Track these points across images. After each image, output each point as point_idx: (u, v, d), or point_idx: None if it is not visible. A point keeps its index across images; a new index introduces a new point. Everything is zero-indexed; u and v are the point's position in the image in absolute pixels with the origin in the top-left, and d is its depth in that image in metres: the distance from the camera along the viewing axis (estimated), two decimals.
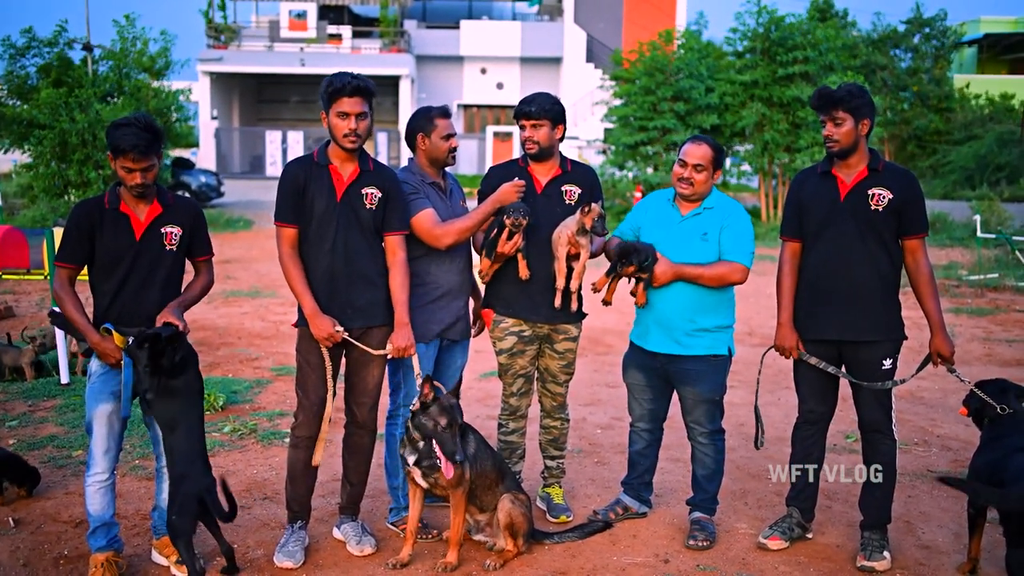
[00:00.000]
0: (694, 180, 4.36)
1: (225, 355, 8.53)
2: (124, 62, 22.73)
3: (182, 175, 24.43)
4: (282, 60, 34.86)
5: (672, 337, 4.39)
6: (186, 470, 3.88)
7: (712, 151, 4.40)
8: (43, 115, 20.01)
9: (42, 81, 22.14)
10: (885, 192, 4.10)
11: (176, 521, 3.84)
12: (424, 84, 37.95)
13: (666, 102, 21.34)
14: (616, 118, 22.62)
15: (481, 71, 39.18)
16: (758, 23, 21.46)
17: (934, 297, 4.15)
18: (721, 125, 21.71)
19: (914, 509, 4.99)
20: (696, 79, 21.33)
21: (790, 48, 20.87)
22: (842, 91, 4.16)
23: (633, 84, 21.96)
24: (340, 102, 4.03)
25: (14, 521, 4.61)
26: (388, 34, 36.39)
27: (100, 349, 3.82)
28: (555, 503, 4.84)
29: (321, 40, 36.28)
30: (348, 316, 4.13)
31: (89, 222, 3.85)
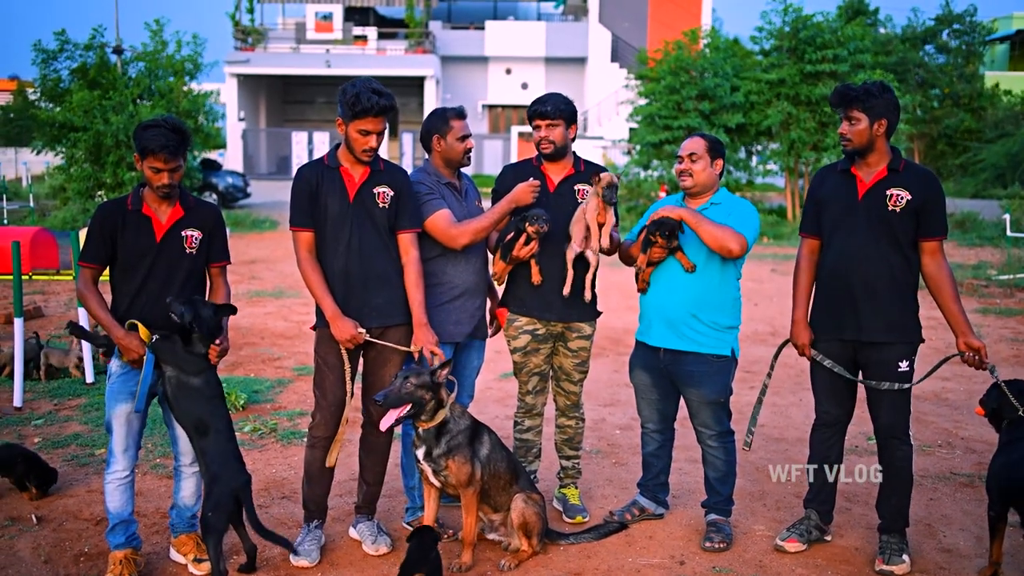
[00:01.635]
0: (692, 171, 4.39)
1: (248, 355, 8.59)
2: (156, 64, 22.99)
3: (210, 176, 24.65)
4: (308, 62, 35.07)
5: (675, 331, 4.38)
6: (221, 469, 3.92)
7: (705, 140, 4.43)
8: (77, 117, 20.25)
9: (75, 84, 22.43)
10: (903, 193, 4.05)
11: (211, 518, 3.87)
12: (449, 84, 38.05)
13: (691, 101, 21.25)
14: (641, 117, 22.55)
15: (506, 71, 39.23)
16: (784, 21, 21.33)
17: (955, 299, 4.09)
18: (747, 124, 21.59)
19: (936, 512, 4.93)
20: (722, 77, 21.22)
21: (819, 47, 20.72)
22: (859, 89, 4.13)
23: (658, 83, 21.89)
24: (365, 121, 4.04)
25: (36, 518, 4.67)
26: (414, 35, 36.51)
27: (124, 344, 3.84)
28: (571, 504, 4.83)
29: (347, 41, 36.49)
30: (365, 316, 4.15)
31: (112, 223, 3.89)
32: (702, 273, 4.37)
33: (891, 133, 4.16)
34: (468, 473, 4.11)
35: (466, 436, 4.14)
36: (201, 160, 24.32)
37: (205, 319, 3.89)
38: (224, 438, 3.95)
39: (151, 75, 23.09)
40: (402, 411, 3.96)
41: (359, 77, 4.16)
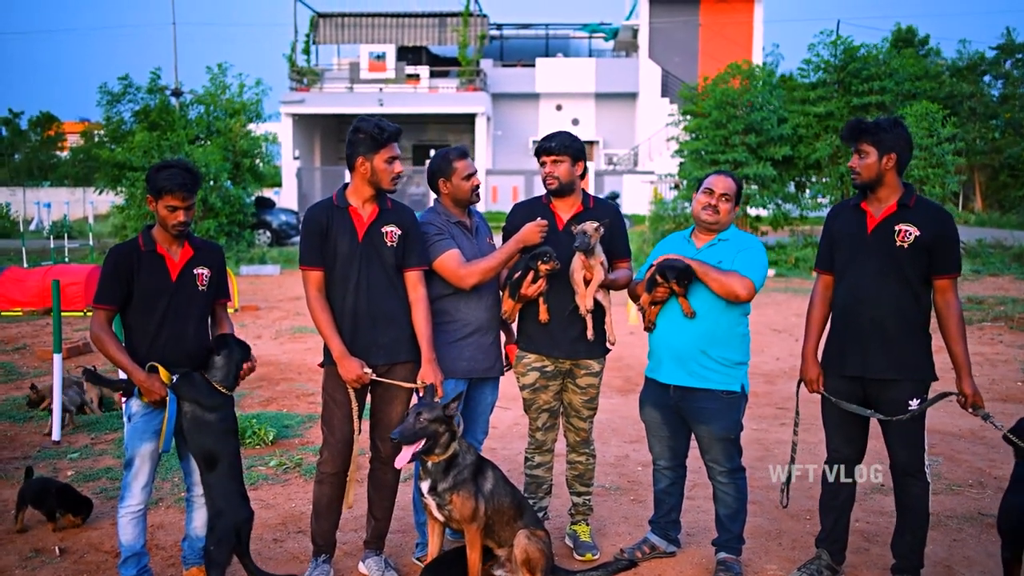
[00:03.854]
0: (720, 209, 4.41)
1: (283, 390, 8.73)
2: (216, 105, 23.65)
3: (263, 214, 25.14)
4: (361, 101, 35.68)
5: (685, 368, 4.38)
6: (225, 504, 4.02)
7: (735, 184, 4.47)
8: (136, 158, 20.89)
9: (137, 125, 23.19)
10: (912, 229, 4.02)
11: (213, 551, 3.98)
12: (500, 121, 38.43)
13: (737, 135, 21.16)
14: (687, 152, 22.51)
15: (556, 107, 39.51)
16: (832, 54, 21.20)
17: (961, 339, 4.04)
18: (794, 156, 21.42)
19: (958, 553, 4.82)
20: (767, 112, 21.12)
21: (865, 79, 20.54)
22: (869, 123, 4.13)
23: (704, 119, 21.85)
24: (391, 147, 4.18)
25: (60, 550, 4.81)
26: (465, 73, 37.00)
27: (146, 387, 3.96)
28: (581, 540, 4.83)
29: (400, 80, 37.08)
30: (372, 353, 4.23)
31: (127, 264, 4.02)
32: (710, 310, 4.37)
33: (902, 168, 4.14)
34: (472, 508, 4.14)
35: (471, 471, 4.17)
36: (255, 198, 24.86)
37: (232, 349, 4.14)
38: (231, 474, 4.04)
39: (209, 117, 23.77)
40: (417, 446, 4.01)
41: (361, 116, 4.27)
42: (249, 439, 6.78)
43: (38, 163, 52.20)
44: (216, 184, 21.23)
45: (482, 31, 37.24)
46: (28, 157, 52.51)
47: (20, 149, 53.49)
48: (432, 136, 38.95)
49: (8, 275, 14.18)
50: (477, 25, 36.99)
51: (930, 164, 19.49)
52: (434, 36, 37.77)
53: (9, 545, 4.90)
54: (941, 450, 6.74)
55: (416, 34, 37.66)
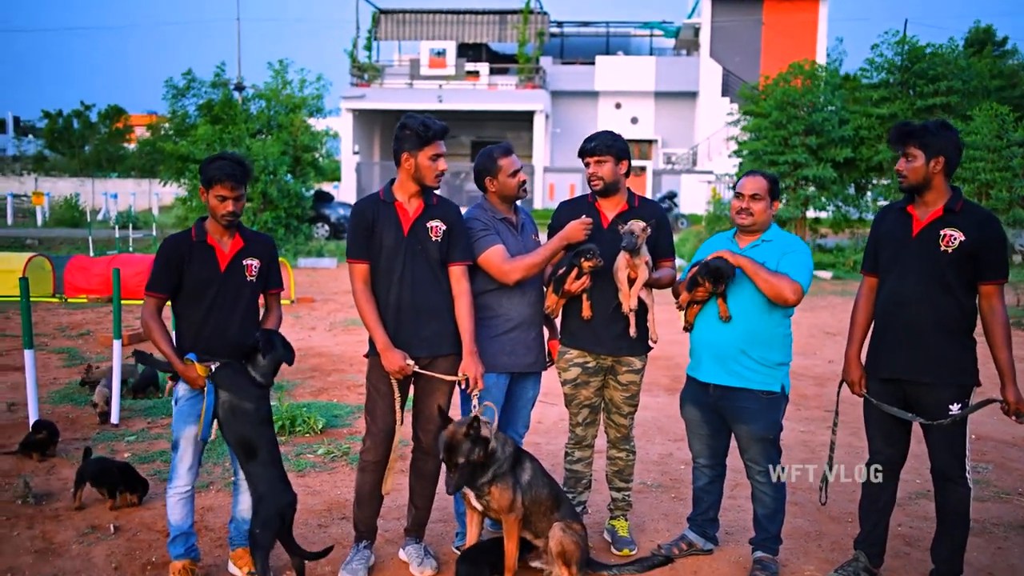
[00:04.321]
0: (753, 210, 4.42)
1: (335, 380, 8.90)
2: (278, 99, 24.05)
3: (322, 208, 25.50)
4: (421, 97, 36.00)
5: (724, 367, 4.40)
6: (267, 490, 4.14)
7: (767, 181, 4.45)
8: (199, 151, 21.34)
9: (201, 119, 23.68)
10: (957, 234, 3.99)
11: (258, 535, 4.10)
12: (558, 119, 38.44)
13: (797, 136, 20.92)
14: (746, 153, 22.32)
15: (616, 106, 39.42)
16: (897, 53, 20.86)
17: (1006, 346, 4.00)
18: (856, 159, 21.12)
19: (1001, 561, 4.76)
20: (828, 112, 20.84)
21: (931, 79, 20.17)
22: (917, 126, 4.10)
23: (764, 119, 21.64)
24: (436, 145, 4.26)
25: (115, 527, 4.99)
26: (525, 70, 37.09)
27: (186, 376, 4.11)
28: (619, 536, 4.87)
29: (459, 77, 37.32)
30: (415, 345, 4.31)
31: (178, 254, 4.16)
32: (752, 310, 4.38)
33: (951, 172, 4.09)
34: (510, 499, 4.20)
35: (509, 463, 4.24)
36: (315, 192, 25.21)
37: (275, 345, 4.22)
38: (269, 460, 4.16)
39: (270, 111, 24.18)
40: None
41: (408, 113, 4.37)
42: (299, 427, 6.93)
43: (107, 155, 53.51)
44: (275, 177, 21.59)
45: (542, 28, 37.31)
46: (97, 149, 53.84)
47: (90, 141, 54.86)
48: (491, 133, 39.10)
49: (74, 263, 14.61)
50: (537, 22, 37.06)
51: (997, 167, 19.06)
52: (494, 33, 37.94)
53: (67, 521, 5.09)
54: (992, 457, 6.64)
55: (476, 31, 37.86)
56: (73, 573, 4.44)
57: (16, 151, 58.64)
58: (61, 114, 54.85)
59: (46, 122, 55.20)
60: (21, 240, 24.62)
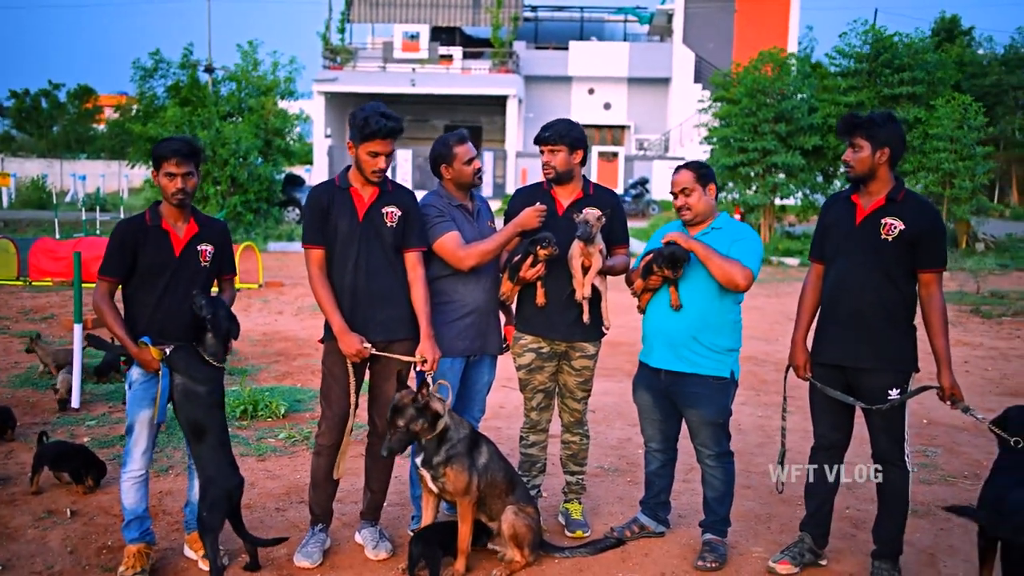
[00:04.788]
0: (689, 204, 4.49)
1: (299, 365, 8.93)
2: (248, 81, 23.89)
3: (292, 191, 25.38)
4: (394, 80, 35.82)
5: (675, 353, 4.47)
6: (215, 472, 4.17)
7: (692, 171, 4.52)
8: (168, 132, 21.20)
9: (170, 101, 23.51)
10: (897, 222, 4.09)
11: (206, 517, 4.13)
12: (532, 104, 38.40)
13: (767, 123, 21.07)
14: (716, 139, 22.45)
15: (589, 91, 39.43)
16: (864, 42, 21.04)
17: (943, 333, 4.10)
18: (824, 147, 21.31)
19: (943, 542, 4.89)
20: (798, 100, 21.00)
21: (897, 69, 20.37)
22: (863, 118, 4.19)
23: (734, 105, 21.77)
24: (374, 143, 4.28)
25: (71, 512, 5.00)
26: (498, 55, 37.01)
27: (140, 359, 4.12)
28: (573, 519, 4.94)
29: (433, 61, 37.19)
30: (371, 330, 4.35)
31: (132, 238, 4.16)
32: (702, 296, 4.46)
33: (895, 162, 4.19)
34: (465, 482, 4.27)
35: (465, 445, 4.30)
36: (285, 175, 25.11)
37: (220, 320, 4.17)
38: (218, 443, 4.19)
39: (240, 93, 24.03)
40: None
41: (369, 103, 4.40)
42: (261, 412, 6.96)
43: (75, 135, 52.86)
44: (246, 161, 21.50)
45: (516, 13, 37.22)
46: (66, 129, 53.17)
47: (58, 121, 54.15)
48: (464, 117, 39.02)
49: (39, 246, 14.45)
50: (511, 6, 36.96)
51: (960, 157, 19.30)
52: (468, 17, 37.81)
53: (24, 506, 5.10)
54: (942, 442, 6.78)
55: (450, 15, 37.71)
56: (28, 557, 4.45)
57: None
58: (28, 93, 54.03)
59: (13, 101, 54.35)
60: None
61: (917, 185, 20.35)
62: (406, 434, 4.12)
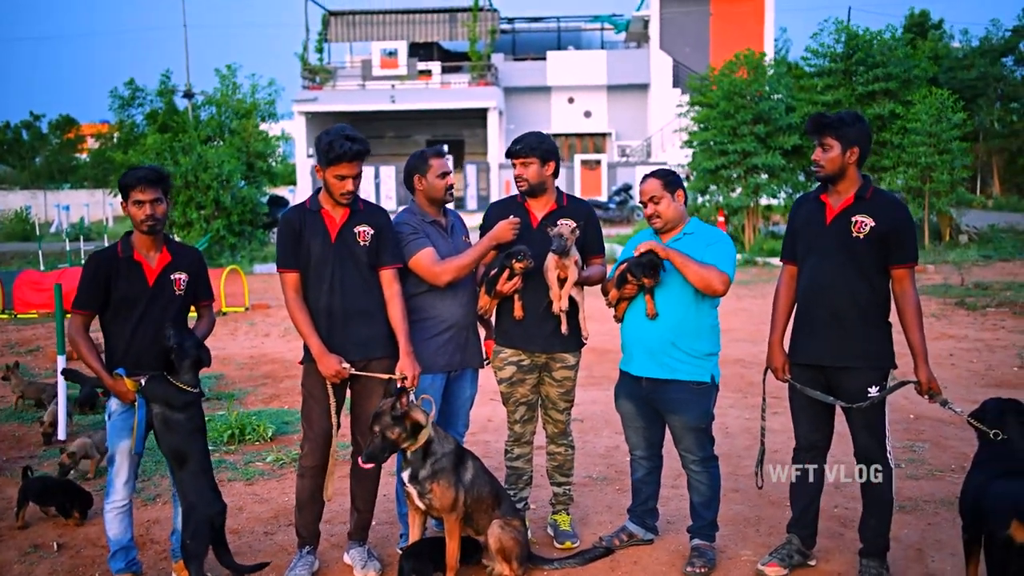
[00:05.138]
0: (659, 211, 4.51)
1: (287, 387, 8.91)
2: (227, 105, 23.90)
3: (277, 212, 25.32)
4: (374, 98, 35.90)
5: (655, 360, 4.49)
6: (197, 499, 4.17)
7: (659, 179, 4.54)
8: (148, 159, 21.19)
9: (149, 128, 23.49)
10: (868, 219, 4.12)
11: (190, 544, 4.13)
12: (512, 115, 38.51)
13: (746, 125, 21.17)
14: (696, 143, 22.55)
15: (569, 100, 39.57)
16: (837, 41, 21.20)
17: (918, 328, 4.13)
18: (804, 146, 21.42)
19: (930, 537, 4.91)
20: (775, 101, 21.13)
21: (871, 66, 20.52)
22: (833, 118, 4.22)
23: (712, 109, 21.88)
24: (340, 167, 4.28)
25: (58, 545, 4.98)
26: (477, 68, 37.12)
27: (115, 390, 4.13)
28: (561, 530, 4.95)
29: (412, 76, 37.29)
30: (349, 350, 4.36)
31: (105, 270, 4.17)
32: (679, 302, 4.48)
33: (862, 161, 4.23)
34: (452, 498, 4.26)
35: (451, 461, 4.29)
36: (269, 197, 25.09)
37: (187, 349, 4.15)
38: (200, 469, 4.19)
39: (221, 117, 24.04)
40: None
41: (334, 125, 4.42)
42: (249, 436, 6.95)
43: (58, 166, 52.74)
44: (229, 184, 21.49)
45: (492, 26, 37.39)
46: (48, 160, 53.06)
47: (40, 152, 54.04)
48: (445, 131, 39.09)
49: (24, 278, 14.46)
50: (487, 20, 37.15)
51: (938, 151, 19.42)
52: (445, 32, 37.98)
53: (10, 541, 5.08)
54: (929, 436, 6.81)
55: (427, 30, 37.87)
56: None
57: None
58: (9, 125, 53.94)
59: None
60: None
61: (897, 180, 20.48)
62: (383, 441, 4.12)
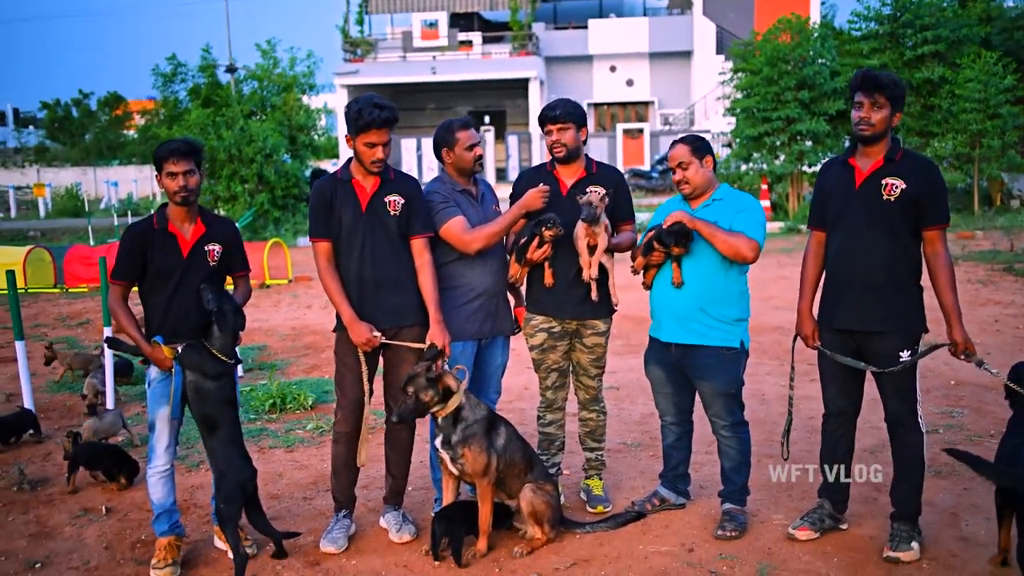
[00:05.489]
0: (687, 177, 4.51)
1: (327, 357, 9.03)
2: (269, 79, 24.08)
3: None
4: (415, 69, 35.90)
5: (684, 326, 4.50)
6: (226, 465, 4.29)
7: (687, 145, 4.54)
8: (193, 135, 21.43)
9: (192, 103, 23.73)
10: (898, 182, 4.08)
11: (223, 509, 4.26)
12: (553, 85, 38.30)
13: (790, 91, 20.87)
14: (739, 110, 22.28)
15: (611, 69, 39.22)
16: (884, 3, 20.77)
17: (951, 289, 4.09)
18: (848, 111, 21.06)
19: (965, 501, 4.89)
20: (819, 66, 20.78)
21: (919, 28, 20.09)
22: (886, 77, 4.13)
23: (755, 75, 21.59)
24: (369, 134, 4.35)
25: (106, 509, 5.16)
26: (518, 38, 36.94)
27: (154, 358, 4.25)
28: (594, 494, 5.00)
29: (452, 47, 37.22)
30: (379, 317, 4.44)
31: (141, 242, 4.27)
32: (708, 269, 4.48)
33: (897, 128, 4.20)
34: (484, 463, 4.34)
35: (482, 427, 4.36)
36: (312, 170, 25.28)
37: (226, 313, 4.26)
38: (229, 437, 4.30)
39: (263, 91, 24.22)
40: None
41: (363, 95, 4.47)
42: (290, 405, 7.09)
43: (107, 142, 53.49)
44: (272, 158, 21.69)
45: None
46: (97, 137, 53.82)
47: (90, 129, 54.84)
48: (486, 102, 39.02)
49: (74, 253, 14.78)
50: None
51: (988, 116, 18.99)
52: (486, 1, 37.72)
53: (61, 505, 5.26)
54: (969, 402, 6.76)
55: (468, 0, 37.67)
56: (65, 554, 4.60)
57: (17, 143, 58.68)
58: (60, 103, 54.79)
59: (45, 112, 55.13)
60: (24, 232, 24.81)
61: (946, 145, 20.08)
62: (416, 403, 4.21)
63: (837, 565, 4.22)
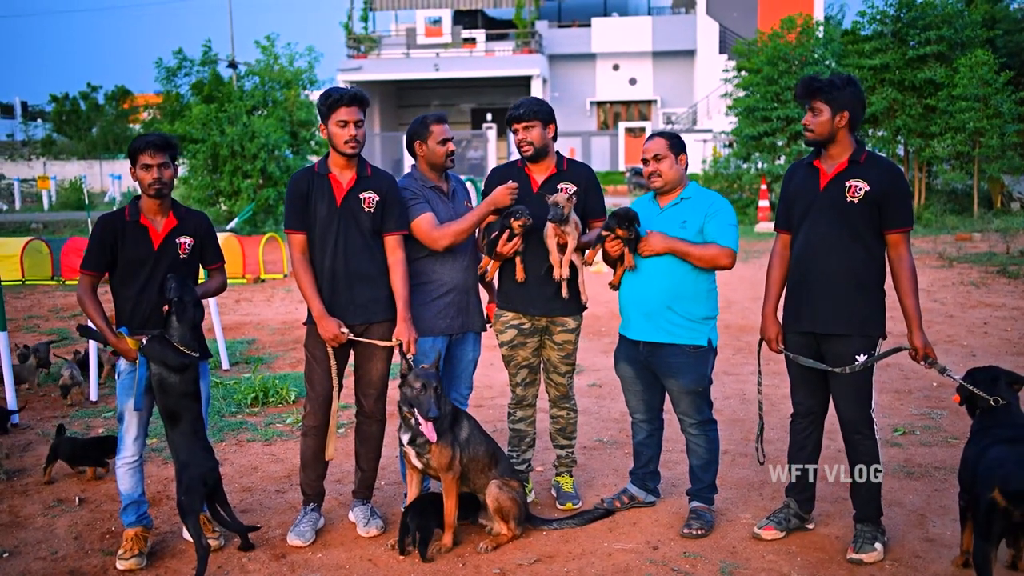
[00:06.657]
0: (659, 171, 4.52)
1: None
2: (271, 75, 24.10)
3: None
4: (418, 66, 35.93)
5: (652, 324, 4.52)
6: (188, 457, 4.31)
7: (666, 139, 4.56)
8: (195, 130, 21.48)
9: (194, 98, 23.77)
10: (862, 184, 4.09)
11: (184, 501, 4.27)
12: (556, 83, 38.32)
13: (789, 91, 20.81)
14: (740, 109, 22.27)
15: (613, 67, 39.23)
16: (888, 4, 20.72)
17: (913, 293, 4.10)
18: None
19: (935, 503, 4.89)
20: (821, 66, 20.75)
21: (922, 28, 20.03)
22: (823, 81, 4.19)
23: (756, 74, 21.57)
24: (339, 112, 4.38)
25: (80, 500, 5.18)
26: (521, 35, 36.94)
27: (119, 348, 4.27)
28: (564, 491, 5.02)
29: (456, 44, 37.25)
30: (350, 312, 4.46)
31: (111, 233, 4.30)
32: (676, 267, 4.49)
33: (855, 126, 4.21)
34: (449, 457, 4.35)
35: (447, 422, 4.39)
36: None
37: (186, 304, 4.28)
38: (191, 431, 4.31)
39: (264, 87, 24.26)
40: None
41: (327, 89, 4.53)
42: (272, 399, 7.12)
43: (113, 136, 53.58)
44: (275, 154, 21.73)
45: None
46: (104, 130, 53.92)
47: (97, 123, 54.93)
48: (489, 99, 39.03)
49: (71, 245, 14.81)
50: None
51: (987, 115, 18.94)
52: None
53: (35, 495, 5.29)
54: (949, 404, 6.75)
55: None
56: (34, 544, 4.63)
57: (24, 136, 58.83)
58: (68, 97, 54.92)
59: (53, 106, 55.27)
60: (27, 224, 24.89)
61: (943, 145, 20.03)
62: (437, 391, 4.25)
63: (800, 564, 4.22)
